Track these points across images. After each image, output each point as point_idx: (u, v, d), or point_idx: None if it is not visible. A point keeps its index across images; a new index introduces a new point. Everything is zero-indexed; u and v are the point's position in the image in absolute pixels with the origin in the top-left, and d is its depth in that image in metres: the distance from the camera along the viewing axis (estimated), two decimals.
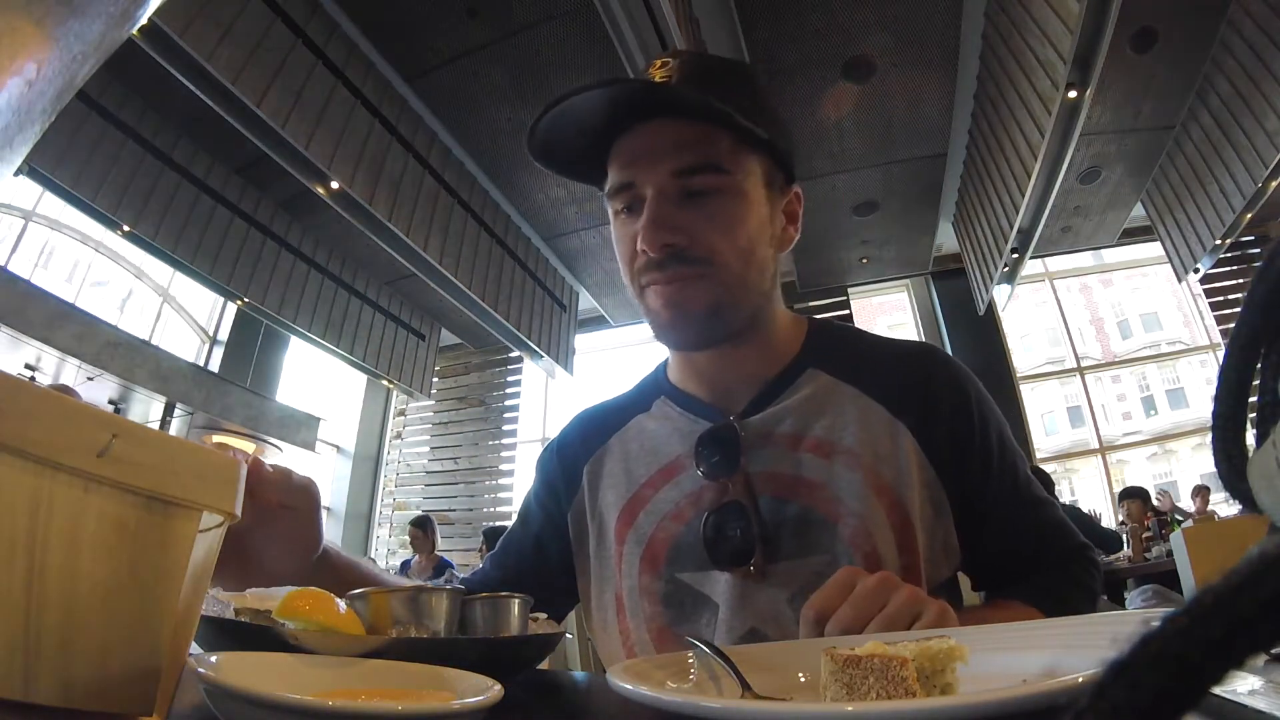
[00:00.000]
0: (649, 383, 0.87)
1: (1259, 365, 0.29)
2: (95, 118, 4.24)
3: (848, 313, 6.92)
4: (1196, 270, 5.93)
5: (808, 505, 0.68)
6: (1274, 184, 4.65)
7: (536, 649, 0.55)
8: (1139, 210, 6.32)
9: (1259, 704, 0.33)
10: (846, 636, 0.47)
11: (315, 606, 0.49)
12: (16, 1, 0.32)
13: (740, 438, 0.71)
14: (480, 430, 7.27)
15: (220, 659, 0.37)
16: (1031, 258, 5.76)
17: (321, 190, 4.08)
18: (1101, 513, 5.32)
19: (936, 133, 5.24)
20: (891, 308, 8.68)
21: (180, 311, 6.52)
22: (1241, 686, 0.37)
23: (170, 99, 4.13)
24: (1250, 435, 0.30)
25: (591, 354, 7.49)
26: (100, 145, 4.27)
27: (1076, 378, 8.26)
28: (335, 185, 3.99)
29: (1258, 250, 6.35)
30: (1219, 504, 5.00)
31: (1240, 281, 6.36)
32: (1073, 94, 3.72)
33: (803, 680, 0.40)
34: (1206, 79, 4.75)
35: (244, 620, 0.50)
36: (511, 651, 0.54)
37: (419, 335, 6.95)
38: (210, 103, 3.39)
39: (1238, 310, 0.28)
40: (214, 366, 6.18)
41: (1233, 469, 0.30)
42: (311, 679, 0.40)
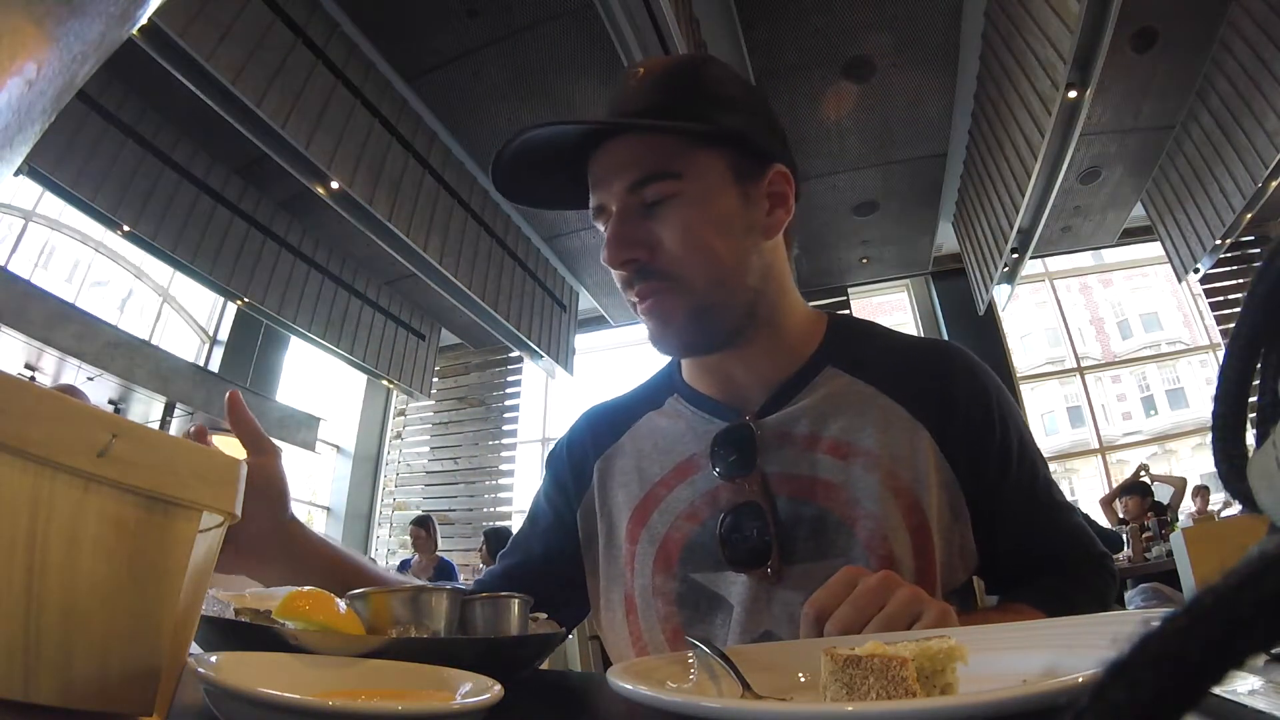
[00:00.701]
0: (661, 379, 0.85)
1: (1259, 365, 0.29)
2: (95, 118, 4.24)
3: (848, 313, 6.92)
4: (1196, 270, 5.93)
5: (824, 507, 0.67)
6: (1274, 184, 4.65)
7: (536, 649, 0.55)
8: (1139, 210, 6.32)
9: (1259, 704, 0.33)
10: (846, 636, 0.46)
11: (315, 606, 0.49)
12: (17, 1, 0.32)
13: (756, 437, 0.71)
14: (480, 430, 7.27)
15: (220, 659, 0.37)
16: (1031, 258, 5.76)
17: (321, 190, 4.08)
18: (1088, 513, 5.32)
19: (936, 133, 5.24)
20: (892, 308, 8.68)
21: (180, 311, 6.52)
22: (1241, 686, 0.37)
23: (170, 99, 4.13)
24: (1250, 435, 0.30)
25: (591, 354, 7.50)
26: (100, 145, 4.27)
27: (1076, 378, 8.27)
28: (335, 185, 3.99)
29: (1258, 250, 6.35)
30: (1218, 504, 5.00)
31: (1240, 281, 6.35)
32: (1073, 94, 3.72)
33: (803, 680, 0.40)
34: (1206, 79, 4.75)
35: (244, 620, 0.50)
36: (511, 651, 0.54)
37: (419, 335, 6.95)
38: (210, 103, 3.39)
39: (1238, 310, 0.28)
40: (214, 366, 6.18)
41: (1233, 469, 0.30)
42: (311, 679, 0.40)
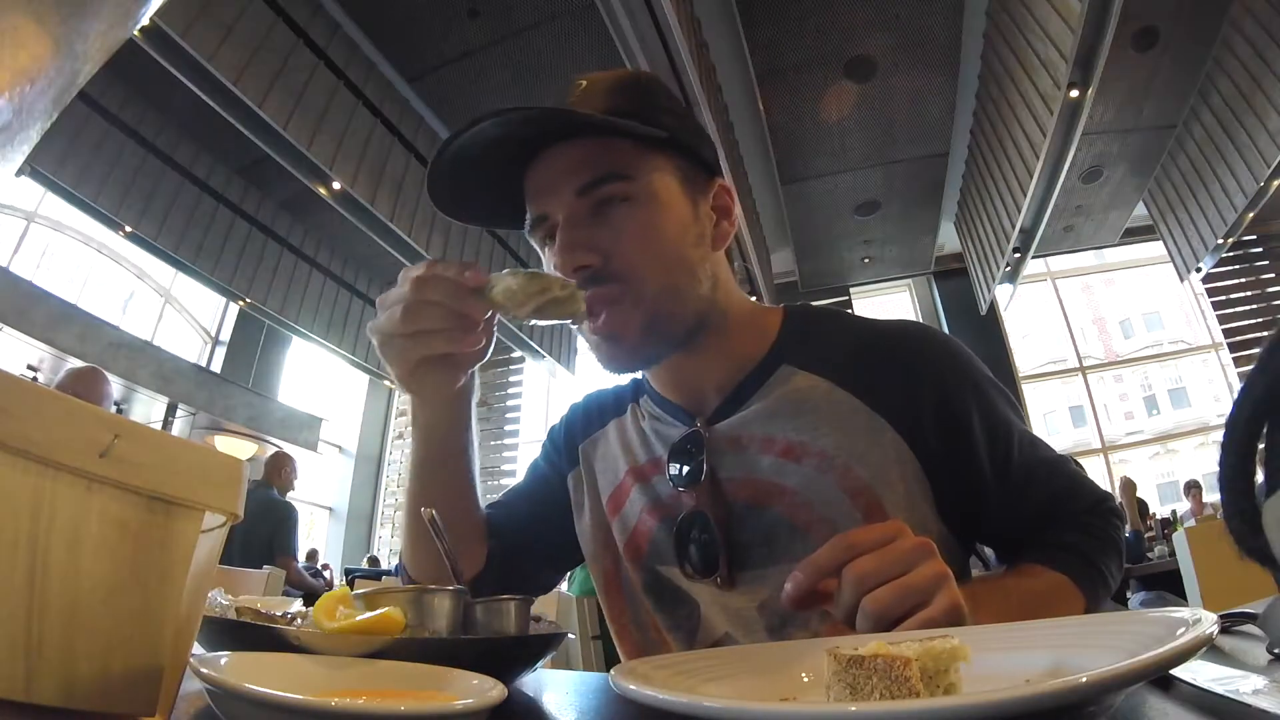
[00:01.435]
0: (640, 378, 0.87)
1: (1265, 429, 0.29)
2: (97, 119, 4.25)
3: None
4: (1199, 269, 5.92)
5: (778, 512, 0.67)
6: (1276, 183, 4.65)
7: (538, 649, 0.55)
8: (1141, 209, 6.32)
9: (1263, 704, 0.33)
10: (848, 637, 0.46)
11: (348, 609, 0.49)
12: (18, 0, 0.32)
13: (706, 445, 0.70)
14: (482, 430, 7.23)
15: (222, 659, 0.37)
16: (1033, 257, 5.75)
17: (323, 191, 4.08)
18: None
19: (938, 132, 5.24)
20: (894, 308, 8.66)
21: (182, 312, 6.53)
22: (1245, 686, 0.37)
23: (172, 100, 4.14)
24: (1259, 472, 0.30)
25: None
26: (102, 146, 4.28)
27: (1079, 377, 8.26)
28: (337, 186, 3.99)
29: (1260, 249, 6.33)
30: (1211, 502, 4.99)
31: (1242, 280, 6.33)
32: (1074, 93, 3.71)
33: (806, 680, 0.40)
34: (1208, 78, 4.74)
35: (246, 620, 0.50)
36: (513, 651, 0.54)
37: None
38: (212, 103, 3.40)
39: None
40: (216, 367, 6.19)
41: (1245, 523, 0.30)
42: (314, 679, 0.40)
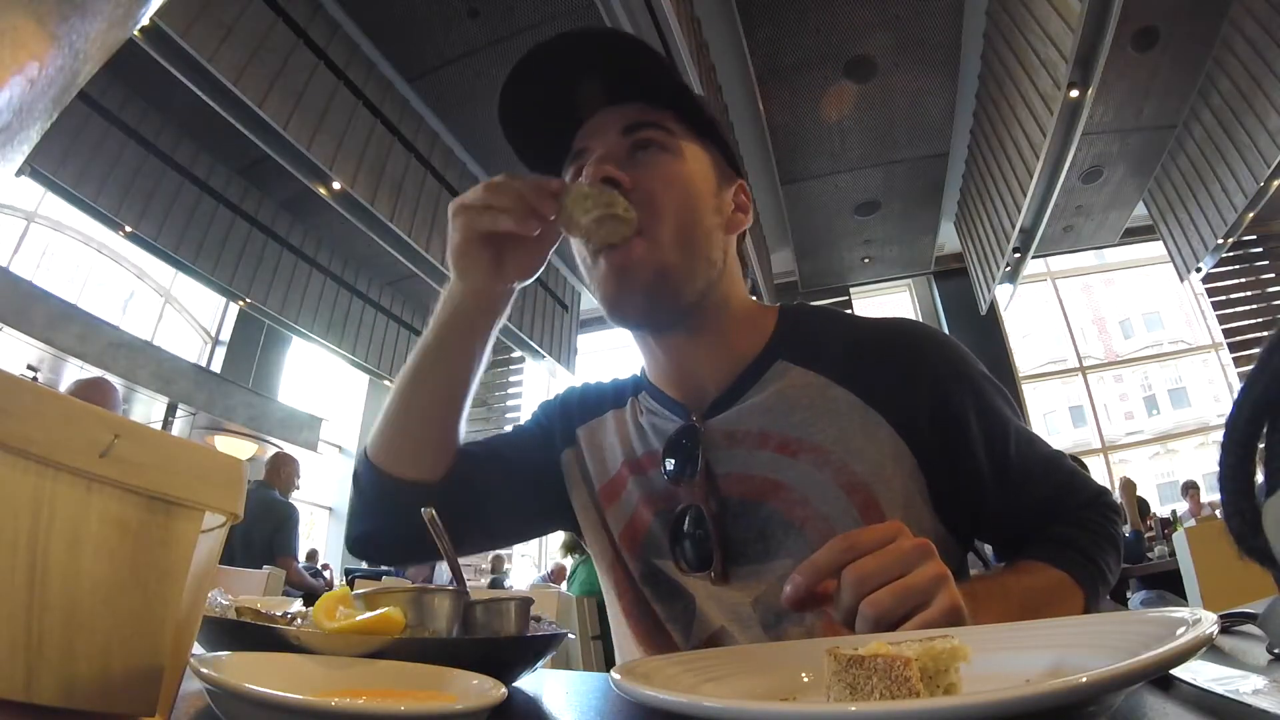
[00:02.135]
0: (638, 374, 0.87)
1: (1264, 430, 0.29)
2: (97, 119, 4.25)
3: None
4: (1199, 269, 5.92)
5: (773, 507, 0.66)
6: (1276, 183, 4.65)
7: (538, 649, 0.55)
8: (1141, 209, 6.32)
9: (1263, 704, 0.33)
10: (849, 637, 0.46)
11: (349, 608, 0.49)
12: None
13: (702, 440, 0.70)
14: (482, 430, 7.24)
15: (223, 659, 0.37)
16: (1033, 257, 5.76)
17: (323, 191, 4.08)
18: None
19: (938, 132, 5.24)
20: (894, 308, 8.67)
21: (182, 312, 6.54)
22: (1245, 686, 0.37)
23: (172, 100, 4.14)
24: (1259, 472, 0.30)
25: (593, 354, 7.50)
26: (102, 146, 4.28)
27: (1079, 377, 8.26)
28: (337, 186, 3.99)
29: (1260, 249, 6.33)
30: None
31: (1242, 281, 6.33)
32: (1074, 93, 3.72)
33: (806, 680, 0.40)
34: (1208, 77, 4.74)
35: (246, 620, 0.50)
36: (513, 652, 0.54)
37: (420, 335, 6.96)
38: (212, 103, 3.40)
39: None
40: (216, 367, 6.19)
41: (1245, 523, 0.30)
42: (314, 679, 0.40)
